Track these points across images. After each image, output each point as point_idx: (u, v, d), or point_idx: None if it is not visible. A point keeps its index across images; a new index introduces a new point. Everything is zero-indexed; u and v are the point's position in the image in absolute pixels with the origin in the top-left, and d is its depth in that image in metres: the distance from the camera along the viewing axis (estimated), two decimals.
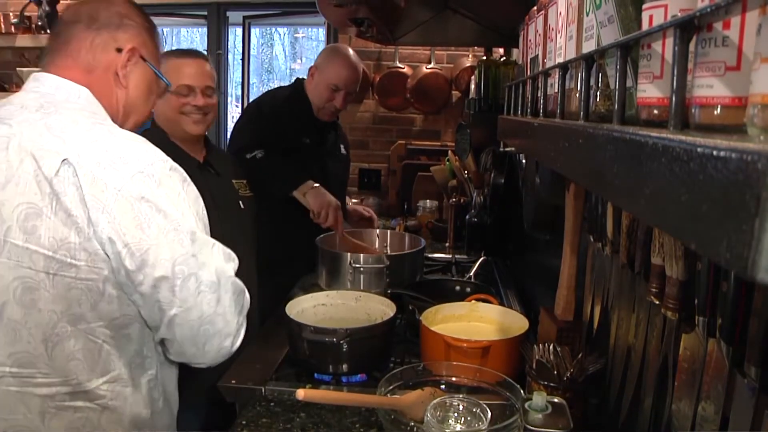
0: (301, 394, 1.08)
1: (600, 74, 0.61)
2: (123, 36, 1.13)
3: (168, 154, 1.09)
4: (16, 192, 0.93)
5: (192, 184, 1.07)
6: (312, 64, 2.39)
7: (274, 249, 2.19)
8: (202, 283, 1.01)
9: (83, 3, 1.15)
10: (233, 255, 1.11)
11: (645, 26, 0.46)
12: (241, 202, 1.85)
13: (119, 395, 1.03)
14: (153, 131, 1.73)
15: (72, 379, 0.98)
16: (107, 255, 0.95)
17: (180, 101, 1.73)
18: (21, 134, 0.96)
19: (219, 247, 1.07)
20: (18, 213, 0.92)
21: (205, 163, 1.80)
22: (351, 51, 2.39)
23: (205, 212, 1.09)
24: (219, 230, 1.69)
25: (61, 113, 1.01)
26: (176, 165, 1.05)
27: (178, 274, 0.98)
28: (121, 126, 1.13)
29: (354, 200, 3.25)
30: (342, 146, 2.57)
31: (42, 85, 1.08)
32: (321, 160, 2.38)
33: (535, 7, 1.00)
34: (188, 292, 1.00)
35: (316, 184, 2.16)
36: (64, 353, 0.97)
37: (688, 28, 0.37)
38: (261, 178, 2.15)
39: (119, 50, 1.12)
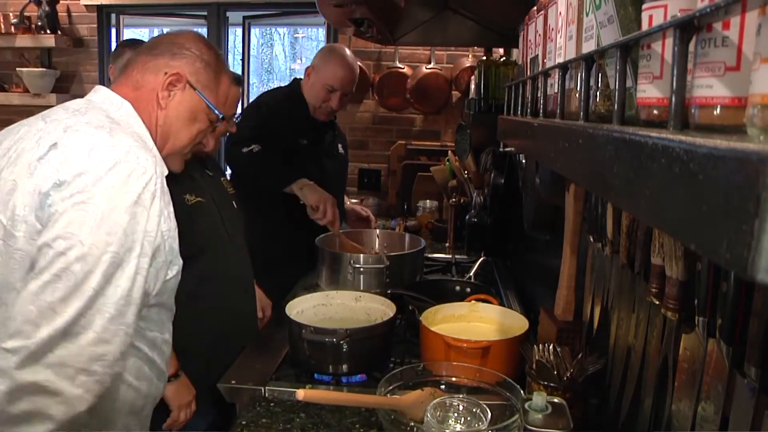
0: (301, 394, 1.07)
1: (600, 74, 0.61)
2: (175, 63, 1.21)
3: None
4: (14, 171, 1.02)
5: (163, 210, 1.05)
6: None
7: (273, 249, 2.19)
8: (67, 271, 0.93)
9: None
10: (136, 301, 1.00)
11: (645, 26, 0.46)
12: (234, 203, 1.84)
13: None
14: None
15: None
16: (40, 221, 0.97)
17: (226, 128, 1.71)
18: (45, 128, 1.06)
19: (127, 277, 0.97)
20: (6, 188, 1.01)
21: (203, 165, 1.78)
22: (348, 52, 2.40)
23: (153, 241, 1.02)
24: (225, 234, 1.69)
25: (85, 115, 1.09)
26: (155, 183, 1.03)
27: (55, 246, 0.94)
28: (160, 149, 1.18)
29: (354, 200, 3.25)
30: (340, 146, 2.58)
31: (95, 94, 1.19)
32: (319, 160, 2.38)
33: (535, 7, 1.00)
34: (49, 265, 0.93)
35: (310, 182, 2.16)
36: (2, 316, 0.99)
37: (688, 28, 0.37)
38: (255, 172, 2.16)
39: (167, 74, 1.20)
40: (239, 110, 1.87)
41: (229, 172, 2.35)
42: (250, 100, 3.19)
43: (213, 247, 1.63)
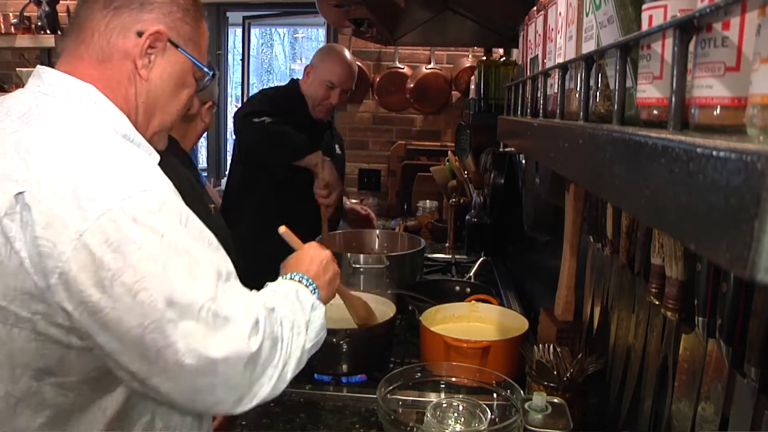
0: (282, 229, 1.30)
1: (600, 75, 0.61)
2: (147, 16, 0.93)
3: (180, 162, 1.02)
4: None
5: (192, 217, 0.85)
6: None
7: (271, 249, 2.19)
8: (183, 355, 0.78)
9: None
10: (236, 310, 0.84)
11: (645, 27, 0.46)
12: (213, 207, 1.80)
13: None
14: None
15: None
16: (66, 309, 0.76)
17: (207, 125, 1.70)
18: None
19: (207, 312, 0.79)
20: None
21: (195, 169, 1.76)
22: (346, 50, 2.42)
23: (203, 250, 0.84)
24: (222, 235, 1.67)
25: (40, 122, 0.83)
26: (168, 196, 0.82)
27: (150, 344, 0.77)
28: (144, 130, 0.96)
29: (353, 200, 3.26)
30: (337, 146, 2.59)
31: (42, 83, 0.90)
32: None
33: (535, 8, 1.00)
34: (167, 363, 0.78)
35: (326, 158, 2.18)
36: (29, 411, 0.81)
37: (688, 28, 0.37)
38: (268, 142, 2.17)
39: (140, 34, 0.92)
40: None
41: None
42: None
43: (228, 253, 1.61)
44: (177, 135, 1.68)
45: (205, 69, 1.02)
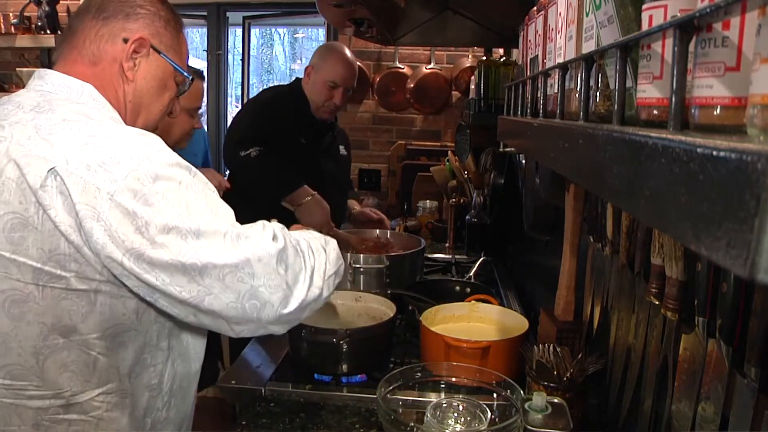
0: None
1: (600, 75, 0.61)
2: (132, 26, 1.05)
3: None
4: (0, 201, 0.88)
5: (199, 173, 0.97)
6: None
7: None
8: (221, 268, 0.91)
9: None
10: (255, 229, 0.97)
11: (645, 27, 0.46)
12: None
13: (116, 406, 0.98)
14: None
15: (65, 392, 0.94)
16: (104, 264, 0.89)
17: (193, 123, 1.72)
18: (11, 137, 0.91)
19: (231, 235, 0.93)
20: (4, 223, 0.88)
21: None
22: (346, 48, 2.40)
23: (216, 195, 0.98)
24: None
25: (54, 111, 0.95)
26: (176, 156, 0.95)
27: (191, 268, 0.89)
28: (131, 126, 1.06)
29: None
30: (342, 147, 2.57)
31: (45, 83, 1.02)
32: (316, 160, 2.38)
33: (535, 8, 1.00)
34: (210, 279, 0.91)
35: (314, 193, 2.13)
36: (55, 366, 0.93)
37: (688, 28, 0.37)
38: (252, 178, 2.14)
39: (126, 41, 1.04)
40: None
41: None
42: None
43: None
44: (170, 142, 1.70)
45: (185, 73, 1.15)
